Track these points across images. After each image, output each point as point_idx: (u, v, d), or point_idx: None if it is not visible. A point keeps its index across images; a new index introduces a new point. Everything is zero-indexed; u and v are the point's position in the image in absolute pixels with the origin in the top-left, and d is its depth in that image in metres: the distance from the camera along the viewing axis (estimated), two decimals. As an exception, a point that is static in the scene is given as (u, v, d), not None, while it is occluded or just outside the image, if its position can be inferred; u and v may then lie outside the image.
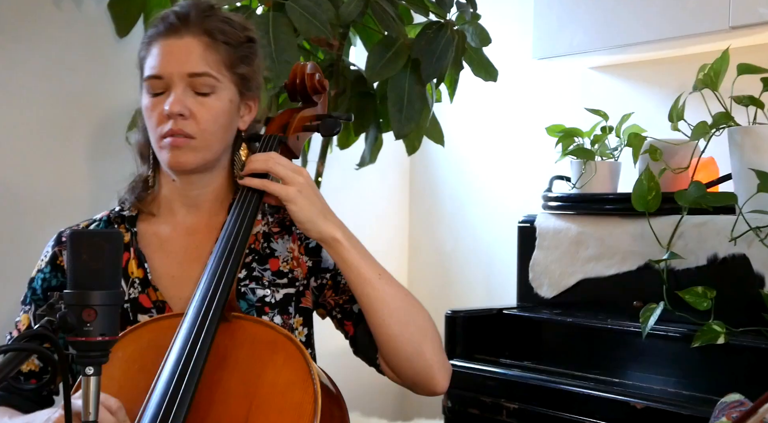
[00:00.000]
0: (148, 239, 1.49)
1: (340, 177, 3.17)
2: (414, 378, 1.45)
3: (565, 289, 2.28)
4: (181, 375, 1.21)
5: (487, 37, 2.42)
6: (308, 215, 1.37)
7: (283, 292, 1.46)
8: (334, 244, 1.39)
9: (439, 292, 3.42)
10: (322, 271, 1.50)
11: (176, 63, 1.40)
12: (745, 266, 1.88)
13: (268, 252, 1.49)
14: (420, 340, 1.43)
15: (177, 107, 1.39)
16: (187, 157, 1.42)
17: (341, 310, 1.50)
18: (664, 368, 1.97)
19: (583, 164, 2.37)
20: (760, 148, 1.86)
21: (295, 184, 1.37)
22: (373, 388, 3.43)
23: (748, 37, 2.31)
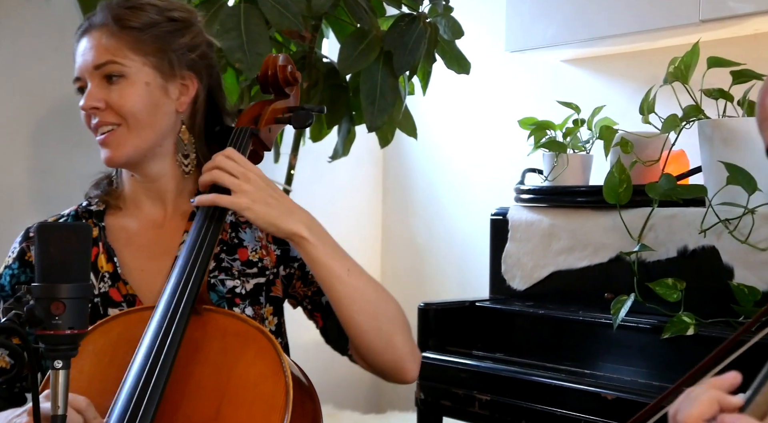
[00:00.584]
0: (117, 233, 1.48)
1: (313, 169, 3.17)
2: (385, 368, 1.46)
3: (537, 281, 2.29)
4: (152, 368, 1.20)
5: (460, 29, 2.43)
6: (267, 219, 1.36)
7: (253, 282, 1.46)
8: (300, 242, 1.38)
9: (412, 285, 3.42)
10: (291, 259, 1.49)
11: (86, 60, 1.42)
12: (715, 258, 1.89)
13: (236, 242, 1.48)
14: (391, 333, 1.43)
15: (89, 102, 1.40)
16: (118, 150, 1.41)
17: (311, 301, 1.50)
18: (634, 359, 1.98)
19: (555, 157, 2.38)
20: (730, 140, 1.88)
21: (243, 192, 1.35)
22: (346, 381, 3.43)
23: (718, 30, 2.33)
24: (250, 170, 1.38)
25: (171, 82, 1.44)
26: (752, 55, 2.09)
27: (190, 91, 1.46)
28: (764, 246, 1.80)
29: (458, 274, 3.29)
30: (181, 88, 1.46)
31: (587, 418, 1.87)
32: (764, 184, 1.82)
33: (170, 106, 1.45)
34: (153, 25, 1.43)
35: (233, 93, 2.42)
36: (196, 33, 1.48)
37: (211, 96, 1.51)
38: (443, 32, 2.40)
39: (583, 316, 2.10)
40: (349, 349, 1.49)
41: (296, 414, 1.20)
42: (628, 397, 1.81)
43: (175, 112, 1.46)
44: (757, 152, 1.85)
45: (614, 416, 1.82)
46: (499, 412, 2.05)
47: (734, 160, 1.84)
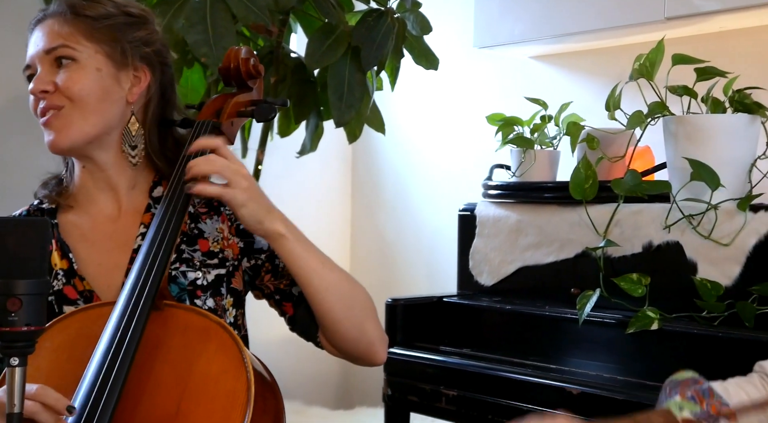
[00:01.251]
0: (70, 230, 1.46)
1: (282, 165, 3.15)
2: (357, 354, 1.49)
3: (504, 276, 2.29)
4: (111, 364, 1.18)
5: (428, 25, 2.42)
6: (256, 217, 1.36)
7: (214, 272, 1.45)
8: (280, 240, 1.39)
9: (381, 281, 3.42)
10: (256, 251, 1.49)
11: (38, 46, 1.41)
12: (679, 253, 1.91)
13: (196, 232, 1.47)
14: (363, 320, 1.46)
15: (38, 85, 1.39)
16: (61, 133, 1.39)
17: (280, 292, 1.50)
18: (600, 354, 2.00)
19: (522, 153, 2.39)
20: (694, 137, 1.89)
21: (241, 187, 1.35)
22: (314, 377, 3.43)
23: (683, 27, 2.35)
24: (241, 165, 1.38)
25: (123, 72, 1.43)
26: (716, 53, 2.11)
27: (141, 83, 1.46)
28: (727, 241, 1.82)
29: (426, 269, 3.29)
30: (134, 79, 1.45)
31: (553, 412, 1.87)
32: (727, 180, 1.84)
33: (120, 95, 1.43)
34: (108, 16, 1.43)
35: (200, 88, 2.40)
36: (151, 30, 1.49)
37: (163, 93, 1.50)
38: (411, 28, 2.39)
39: (549, 312, 2.11)
40: (317, 337, 1.49)
41: (258, 409, 1.19)
42: (593, 391, 1.83)
43: (125, 102, 1.44)
44: (720, 148, 1.87)
45: (580, 410, 1.83)
46: (465, 408, 2.05)
47: (698, 156, 1.85)
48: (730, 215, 1.84)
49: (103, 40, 1.42)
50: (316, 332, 1.49)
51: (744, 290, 1.79)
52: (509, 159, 2.45)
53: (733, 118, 1.88)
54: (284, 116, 2.53)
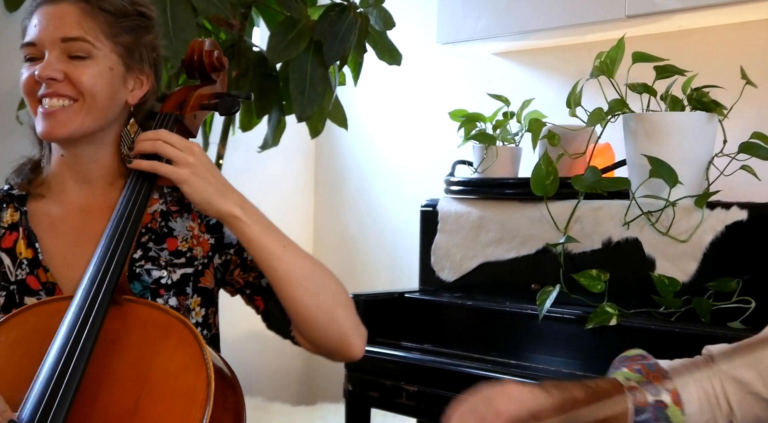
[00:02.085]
0: (40, 218, 1.44)
1: (244, 159, 3.13)
2: (330, 346, 1.43)
3: (466, 272, 2.30)
4: (68, 360, 1.17)
5: (391, 20, 2.42)
6: (203, 195, 1.34)
7: (180, 272, 1.43)
8: (234, 221, 1.36)
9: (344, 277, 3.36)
10: (226, 246, 1.47)
11: (51, 28, 1.37)
12: (638, 250, 1.93)
13: (165, 231, 1.45)
14: (332, 308, 1.41)
15: (47, 71, 1.36)
16: (63, 126, 1.38)
17: (250, 286, 1.48)
18: (560, 349, 2.01)
19: (484, 149, 2.40)
20: (653, 134, 1.91)
21: (186, 164, 1.34)
22: (276, 373, 3.42)
23: (643, 26, 2.37)
24: (192, 145, 1.37)
25: (130, 74, 1.43)
26: (676, 51, 2.14)
27: (144, 87, 1.46)
28: (684, 238, 1.85)
29: (389, 265, 3.29)
30: (137, 81, 1.45)
31: (503, 379, 1.88)
32: (685, 177, 1.86)
33: (123, 96, 1.43)
34: (125, 15, 1.42)
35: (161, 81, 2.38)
36: (156, 34, 1.49)
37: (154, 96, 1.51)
38: (374, 23, 2.39)
39: (510, 307, 2.12)
40: (291, 331, 1.46)
41: (218, 406, 1.18)
42: (552, 386, 1.84)
43: (126, 103, 1.44)
44: (678, 146, 1.89)
45: (539, 405, 1.85)
46: (425, 403, 2.06)
47: (657, 153, 1.87)
48: (687, 212, 1.86)
49: (120, 41, 1.41)
50: (289, 327, 1.45)
51: (700, 286, 1.81)
52: (471, 155, 2.46)
53: (691, 116, 1.91)
54: (246, 110, 2.51)
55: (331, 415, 3.00)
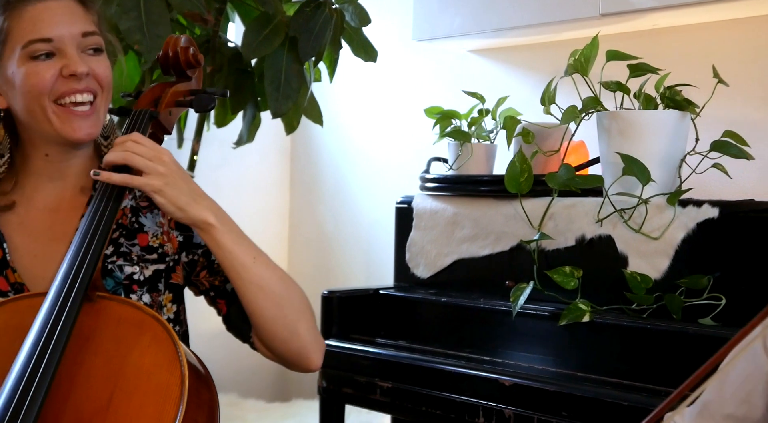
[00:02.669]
0: (8, 219, 1.43)
1: (219, 155, 3.12)
2: (289, 357, 1.46)
3: (440, 269, 2.31)
4: (40, 356, 1.16)
5: (367, 17, 2.42)
6: (176, 204, 1.33)
7: (152, 268, 1.42)
8: (208, 229, 1.36)
9: (319, 273, 3.42)
10: (194, 246, 1.47)
11: (65, 24, 1.36)
12: (611, 247, 1.94)
13: (136, 227, 1.44)
14: (295, 322, 1.42)
15: (82, 67, 1.35)
16: (96, 125, 1.39)
17: (215, 289, 1.48)
18: (533, 346, 2.02)
19: (460, 146, 2.40)
20: (626, 132, 1.92)
21: (158, 174, 1.32)
22: (250, 369, 3.41)
23: (617, 24, 2.38)
24: (162, 152, 1.36)
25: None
26: (649, 50, 2.15)
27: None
28: (657, 235, 1.86)
29: (365, 262, 3.29)
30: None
31: (485, 404, 1.90)
32: (658, 175, 1.87)
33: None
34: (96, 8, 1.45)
35: (135, 76, 2.36)
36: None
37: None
38: (350, 19, 2.39)
39: (484, 304, 2.13)
40: (251, 337, 1.47)
41: (192, 403, 1.18)
42: (524, 383, 1.85)
43: None
44: (651, 144, 1.91)
45: (511, 402, 1.86)
46: (399, 399, 2.06)
47: (630, 151, 1.89)
48: (660, 210, 1.88)
49: (103, 34, 1.43)
50: (250, 332, 1.46)
51: (672, 283, 1.83)
52: (447, 152, 2.47)
53: (664, 114, 1.92)
54: (221, 106, 2.50)
55: (306, 412, 3.00)
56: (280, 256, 3.51)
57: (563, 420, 1.78)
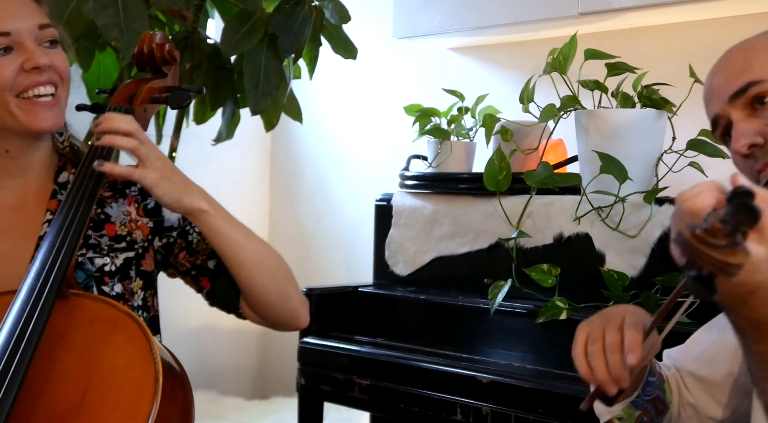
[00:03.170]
0: None
1: (198, 152, 3.11)
2: (282, 320, 1.50)
3: (419, 266, 2.31)
4: (12, 354, 1.15)
5: (346, 14, 2.41)
6: (173, 196, 1.35)
7: (122, 256, 1.43)
8: (202, 216, 1.38)
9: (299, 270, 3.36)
10: (167, 229, 1.47)
11: (21, 17, 1.36)
12: (588, 245, 1.95)
13: (102, 217, 1.44)
14: (287, 287, 1.48)
15: (44, 59, 1.35)
16: (60, 115, 1.39)
17: (197, 268, 1.49)
18: (511, 343, 2.03)
19: (439, 144, 2.41)
20: (604, 130, 1.93)
21: (155, 168, 1.33)
22: (230, 367, 3.40)
23: (596, 23, 2.39)
24: (155, 146, 1.37)
25: None
26: (627, 49, 2.16)
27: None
28: (633, 233, 1.87)
29: (345, 259, 3.29)
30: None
31: (463, 401, 1.90)
32: (635, 173, 1.88)
33: None
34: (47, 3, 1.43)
35: (113, 72, 2.35)
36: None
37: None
38: (330, 16, 2.38)
39: (462, 302, 2.13)
40: (239, 308, 1.50)
41: (165, 401, 1.18)
42: (502, 380, 1.86)
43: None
44: (628, 142, 1.92)
45: (488, 399, 1.87)
46: (378, 397, 2.06)
47: (607, 149, 1.90)
48: (636, 208, 1.89)
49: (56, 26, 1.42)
50: (238, 303, 1.49)
51: (648, 281, 1.84)
52: (426, 150, 2.47)
53: (641, 113, 1.93)
54: (200, 103, 2.49)
55: (285, 409, 3.00)
56: (260, 254, 3.50)
57: (540, 417, 1.79)
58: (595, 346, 1.12)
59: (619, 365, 1.09)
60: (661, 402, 1.26)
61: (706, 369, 1.28)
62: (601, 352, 1.11)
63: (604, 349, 1.11)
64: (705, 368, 1.29)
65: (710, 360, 1.29)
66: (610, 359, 1.10)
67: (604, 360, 1.10)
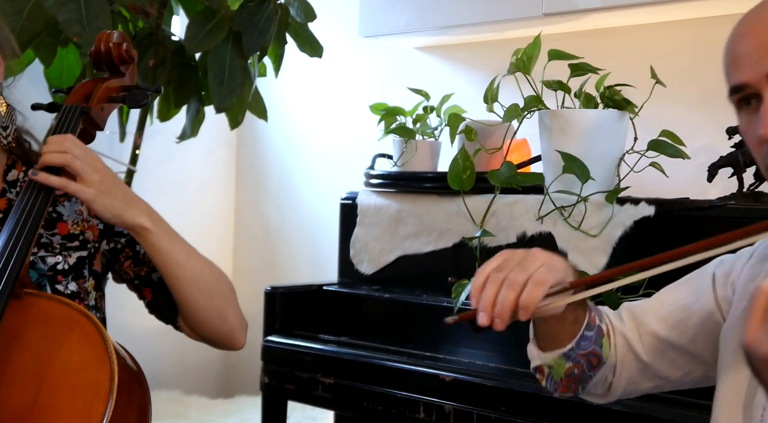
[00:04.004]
0: None
1: (163, 150, 3.09)
2: (216, 339, 1.50)
3: (384, 265, 2.31)
4: (-36, 355, 1.14)
5: (312, 12, 2.41)
6: (112, 211, 1.34)
7: (75, 255, 1.41)
8: (143, 233, 1.37)
9: (264, 268, 3.40)
10: (116, 234, 1.46)
11: None
12: (551, 244, 1.96)
13: (54, 216, 1.43)
14: (225, 309, 1.47)
15: None
16: None
17: (140, 278, 1.48)
18: (475, 342, 2.04)
19: (404, 143, 2.41)
20: (567, 130, 1.94)
21: (93, 183, 1.32)
22: (193, 366, 3.38)
23: (560, 24, 2.41)
24: (96, 158, 1.35)
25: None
26: (590, 50, 2.17)
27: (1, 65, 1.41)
28: (595, 232, 1.88)
29: (310, 258, 3.28)
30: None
31: (426, 399, 1.91)
32: (597, 173, 1.90)
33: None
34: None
35: (75, 68, 2.33)
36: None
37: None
38: (295, 14, 2.38)
39: (427, 300, 2.13)
40: (177, 320, 1.50)
41: (121, 400, 1.17)
42: (465, 378, 1.86)
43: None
44: (590, 142, 1.93)
45: (451, 397, 1.87)
46: (341, 395, 2.06)
47: (570, 149, 1.91)
48: (598, 207, 1.90)
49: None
50: (176, 317, 1.49)
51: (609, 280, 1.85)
52: (392, 148, 2.47)
53: (603, 113, 1.94)
54: (164, 100, 2.48)
55: (249, 408, 2.99)
56: (226, 252, 3.49)
57: (502, 415, 1.80)
58: (499, 274, 1.10)
59: (506, 307, 1.09)
60: (596, 357, 1.24)
61: (671, 331, 1.26)
62: (500, 283, 1.09)
63: (504, 281, 1.09)
64: (670, 331, 1.26)
65: (677, 323, 1.26)
66: (501, 293, 1.09)
67: (496, 291, 1.09)
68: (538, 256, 1.13)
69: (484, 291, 1.11)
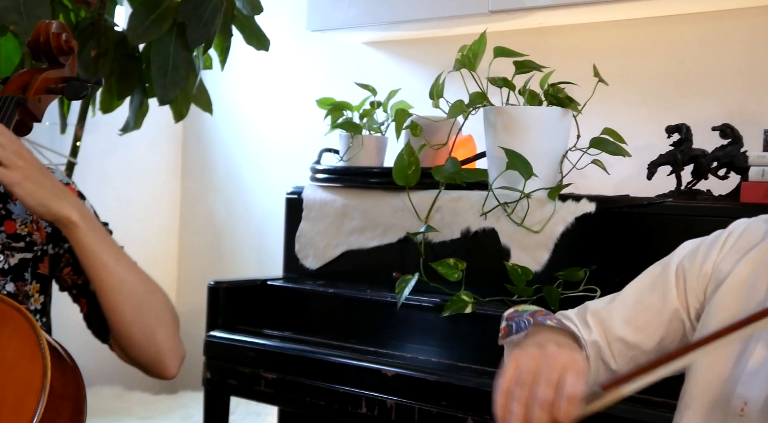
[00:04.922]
0: None
1: (106, 142, 3.04)
2: (144, 362, 1.42)
3: (329, 260, 2.31)
4: None
5: (259, 5, 2.39)
6: (37, 198, 1.28)
7: (18, 256, 1.37)
8: (70, 226, 1.31)
9: (210, 262, 3.37)
10: (62, 239, 1.42)
11: None
12: (494, 239, 1.98)
13: (3, 214, 1.39)
14: (154, 327, 1.39)
15: None
16: None
17: (77, 287, 1.43)
18: (418, 337, 2.04)
19: (350, 138, 2.40)
20: (511, 127, 1.96)
21: (16, 167, 1.27)
22: (137, 361, 3.33)
23: (505, 21, 2.42)
24: (22, 148, 1.30)
25: None
26: (535, 48, 2.19)
27: None
28: (537, 229, 1.90)
29: (256, 253, 3.26)
30: None
31: (368, 394, 1.91)
32: (540, 170, 1.91)
33: None
34: None
35: (14, 57, 2.28)
36: None
37: None
38: (241, 7, 2.36)
39: (371, 295, 2.14)
40: (110, 339, 1.44)
41: (55, 396, 1.14)
42: (406, 373, 1.87)
43: None
44: (534, 139, 1.95)
45: (393, 392, 1.88)
46: (283, 390, 2.05)
47: (514, 146, 1.92)
48: (541, 204, 1.92)
49: None
50: (109, 334, 1.43)
51: (551, 275, 1.88)
52: (338, 143, 2.47)
53: (547, 110, 1.96)
54: (107, 91, 2.44)
55: (193, 404, 2.96)
56: (171, 245, 3.44)
57: (443, 409, 1.81)
58: (523, 390, 0.99)
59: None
60: None
61: (637, 334, 1.24)
62: (526, 402, 0.99)
63: (530, 398, 0.99)
64: (636, 334, 1.24)
65: (643, 325, 1.24)
66: (533, 415, 0.98)
67: (524, 411, 0.99)
68: (557, 359, 1.02)
69: (510, 414, 1.00)
